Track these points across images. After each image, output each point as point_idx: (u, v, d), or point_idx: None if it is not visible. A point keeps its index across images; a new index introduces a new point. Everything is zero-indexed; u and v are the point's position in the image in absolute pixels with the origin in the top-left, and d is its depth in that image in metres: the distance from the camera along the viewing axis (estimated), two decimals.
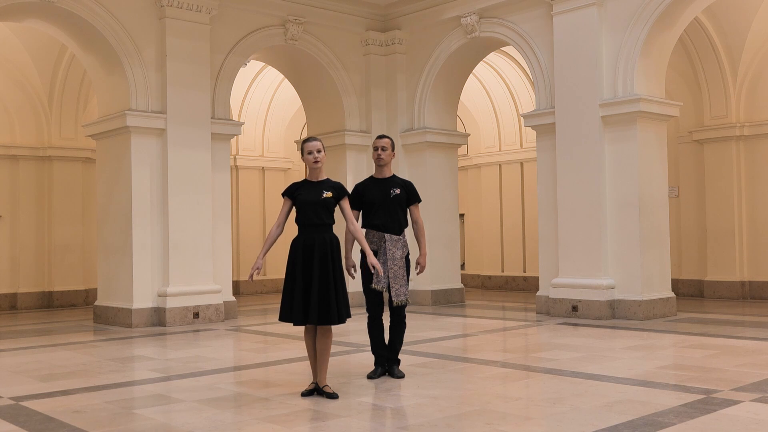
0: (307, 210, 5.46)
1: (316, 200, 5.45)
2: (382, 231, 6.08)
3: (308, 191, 5.51)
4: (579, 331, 8.88)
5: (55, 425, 4.76)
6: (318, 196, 5.46)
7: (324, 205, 5.46)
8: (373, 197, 6.11)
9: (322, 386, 5.44)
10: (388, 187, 6.13)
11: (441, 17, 12.24)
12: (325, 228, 5.48)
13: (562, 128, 10.53)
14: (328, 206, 5.49)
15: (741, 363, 6.55)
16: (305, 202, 5.46)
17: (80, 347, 8.38)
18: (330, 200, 5.48)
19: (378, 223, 6.09)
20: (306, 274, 5.36)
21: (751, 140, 12.72)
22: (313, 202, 5.45)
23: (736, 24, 12.32)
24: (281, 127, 16.74)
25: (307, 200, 5.46)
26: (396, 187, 6.14)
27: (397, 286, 6.05)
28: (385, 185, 6.15)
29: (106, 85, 10.74)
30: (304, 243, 5.42)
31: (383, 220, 6.08)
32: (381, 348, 6.19)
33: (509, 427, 4.56)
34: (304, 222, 5.48)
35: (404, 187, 6.20)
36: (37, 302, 13.28)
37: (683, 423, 4.52)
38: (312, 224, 5.45)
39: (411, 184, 6.31)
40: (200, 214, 10.63)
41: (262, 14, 11.62)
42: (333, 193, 5.50)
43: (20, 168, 13.19)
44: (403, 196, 6.16)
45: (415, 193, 6.27)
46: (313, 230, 5.44)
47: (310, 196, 5.47)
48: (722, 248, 12.84)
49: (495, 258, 16.31)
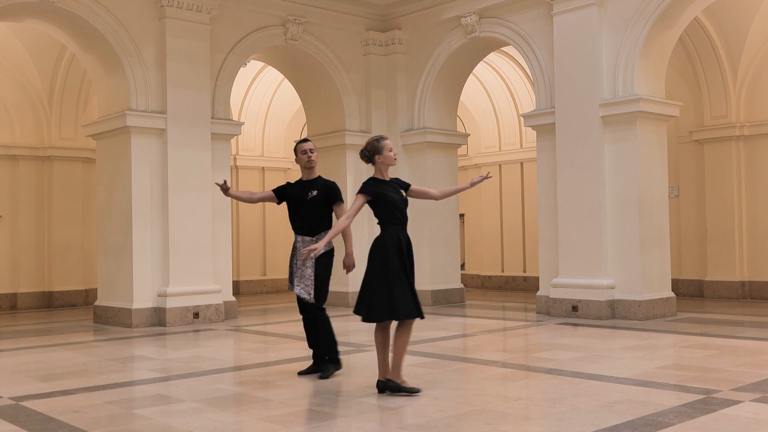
0: (393, 208, 5.48)
1: (400, 198, 5.52)
2: (297, 233, 6.29)
3: (388, 188, 5.54)
4: (579, 331, 8.88)
5: (55, 425, 4.76)
6: (400, 193, 5.54)
7: (405, 203, 5.55)
8: (294, 199, 6.31)
9: (400, 381, 5.44)
10: (308, 190, 6.29)
11: (441, 17, 12.24)
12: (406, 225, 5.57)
13: (562, 128, 10.53)
14: (405, 204, 5.57)
15: (741, 363, 6.55)
16: (391, 201, 5.48)
17: (80, 347, 8.38)
18: (404, 199, 5.57)
19: (297, 225, 6.30)
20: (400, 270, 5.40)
21: (751, 140, 12.71)
22: (396, 201, 5.48)
23: (736, 24, 12.32)
24: (281, 127, 16.74)
25: (392, 199, 5.48)
26: (314, 190, 6.27)
27: (302, 285, 6.17)
28: (305, 187, 6.32)
29: (106, 85, 10.74)
30: (397, 240, 5.43)
31: (301, 221, 6.27)
32: (314, 347, 6.39)
33: (509, 427, 4.56)
34: (391, 220, 5.49)
35: (324, 189, 6.31)
36: (37, 302, 13.28)
37: (683, 423, 4.52)
38: (399, 222, 5.51)
39: (334, 185, 6.42)
40: (200, 214, 10.63)
41: (262, 14, 11.62)
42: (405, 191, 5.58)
43: (20, 168, 13.20)
44: (320, 198, 6.26)
45: (336, 193, 6.35)
46: (399, 228, 5.49)
47: (394, 194, 5.51)
48: (722, 248, 12.83)
49: (495, 258, 16.31)
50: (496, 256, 16.28)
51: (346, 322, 10.49)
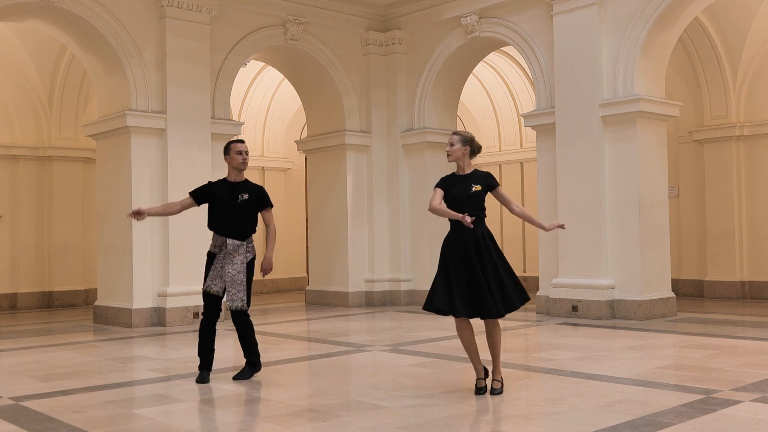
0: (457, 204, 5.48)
1: (465, 194, 5.48)
2: (225, 235, 6.19)
3: (455, 185, 5.52)
4: (579, 331, 8.88)
5: (55, 425, 4.76)
6: (468, 190, 5.48)
7: (473, 199, 5.48)
8: (222, 200, 6.24)
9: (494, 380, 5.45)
10: (237, 192, 6.23)
11: (441, 17, 12.24)
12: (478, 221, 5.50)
13: (562, 128, 10.53)
14: (477, 200, 5.50)
15: (741, 363, 6.55)
16: (455, 197, 5.48)
17: (80, 347, 8.38)
18: (480, 193, 5.50)
19: (223, 227, 6.20)
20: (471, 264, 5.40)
21: (751, 140, 12.71)
22: (461, 196, 5.47)
23: (736, 24, 12.32)
24: (281, 127, 16.74)
25: (456, 195, 5.48)
26: (245, 193, 6.23)
27: (234, 291, 6.12)
28: (235, 189, 6.26)
29: (106, 85, 10.74)
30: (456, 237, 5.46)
31: (228, 224, 6.20)
32: (208, 352, 6.24)
33: (509, 427, 4.56)
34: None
35: (254, 193, 6.29)
36: (37, 302, 13.28)
37: (683, 423, 4.52)
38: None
39: (263, 189, 6.42)
40: (200, 214, 10.55)
41: (262, 14, 11.62)
42: (482, 185, 5.51)
43: (20, 168, 13.19)
44: (251, 202, 6.24)
45: (266, 198, 6.35)
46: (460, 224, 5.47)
47: (458, 190, 5.50)
48: (722, 248, 12.83)
49: None
50: None
51: (346, 322, 10.50)
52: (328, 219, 12.92)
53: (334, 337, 8.41)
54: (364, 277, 12.78)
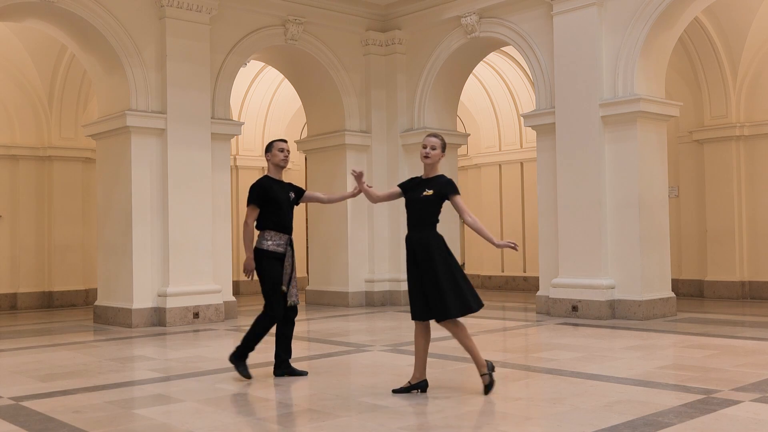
0: (410, 207, 5.53)
1: (417, 198, 5.50)
2: (288, 234, 6.21)
3: (415, 188, 5.56)
4: (579, 331, 8.88)
5: (55, 425, 4.76)
6: (419, 194, 5.50)
7: (425, 204, 5.49)
8: (278, 197, 6.21)
9: None
10: (287, 190, 6.31)
11: (441, 17, 12.24)
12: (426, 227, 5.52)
13: (562, 128, 10.52)
14: (429, 205, 5.50)
15: (741, 363, 6.55)
16: (409, 200, 5.51)
17: (80, 347, 8.38)
18: (431, 198, 5.49)
19: (286, 225, 6.22)
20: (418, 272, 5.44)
21: (751, 140, 12.71)
22: (415, 200, 5.50)
23: (736, 24, 12.32)
24: (281, 127, 16.74)
25: (410, 198, 5.51)
26: (291, 191, 6.33)
27: (295, 289, 6.21)
28: (287, 188, 6.32)
29: (106, 85, 10.74)
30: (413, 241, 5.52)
31: (290, 222, 6.26)
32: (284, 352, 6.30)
33: (509, 427, 4.56)
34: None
35: (297, 190, 6.41)
36: (37, 302, 13.28)
37: (683, 423, 4.52)
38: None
39: (297, 186, 6.54)
40: (200, 214, 10.63)
41: (262, 14, 11.61)
42: (434, 191, 5.50)
43: (20, 168, 13.19)
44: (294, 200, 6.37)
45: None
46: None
47: (414, 194, 5.51)
48: (722, 248, 12.83)
49: (495, 258, 16.31)
50: (496, 256, 16.27)
51: (346, 322, 10.50)
52: (328, 219, 12.92)
53: (334, 337, 8.41)
54: (364, 277, 12.78)
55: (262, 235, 6.19)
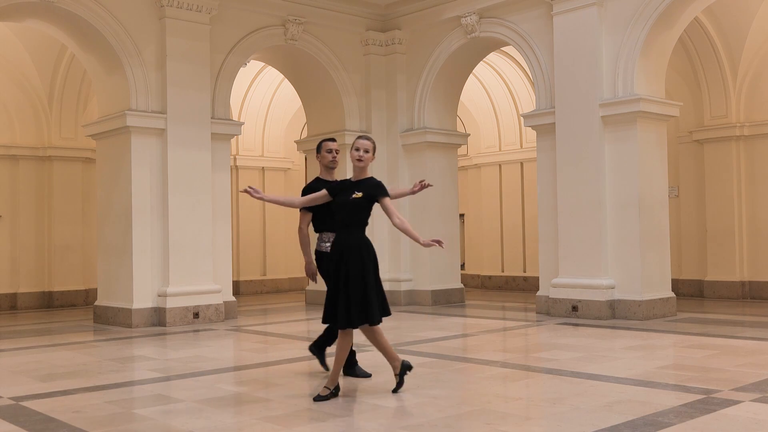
0: (340, 210, 5.48)
1: (345, 201, 5.44)
2: None
3: (344, 191, 5.52)
4: (579, 331, 8.88)
5: (55, 425, 4.76)
6: (348, 196, 5.46)
7: (354, 207, 5.45)
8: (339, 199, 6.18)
9: None
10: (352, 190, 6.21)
11: (441, 17, 12.24)
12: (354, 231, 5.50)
13: (562, 128, 10.53)
14: (357, 208, 5.46)
15: (741, 363, 6.55)
16: (338, 203, 5.46)
17: (80, 347, 8.38)
18: (361, 201, 5.44)
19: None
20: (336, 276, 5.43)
21: (751, 140, 12.71)
22: (344, 203, 5.43)
23: (736, 24, 12.32)
24: (281, 127, 16.74)
25: (340, 201, 5.45)
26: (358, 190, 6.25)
27: None
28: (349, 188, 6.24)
29: (106, 85, 10.74)
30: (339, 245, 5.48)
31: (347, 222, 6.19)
32: None
33: (509, 427, 4.56)
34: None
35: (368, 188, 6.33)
36: (37, 302, 13.27)
37: (683, 423, 4.52)
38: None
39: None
40: (200, 214, 10.63)
41: (262, 14, 11.61)
42: (364, 193, 5.46)
43: (20, 168, 13.19)
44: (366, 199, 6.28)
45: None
46: None
47: (343, 196, 5.47)
48: (722, 248, 12.83)
49: (495, 258, 16.31)
50: (496, 256, 16.27)
51: None
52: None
53: None
54: None
55: (320, 237, 6.23)
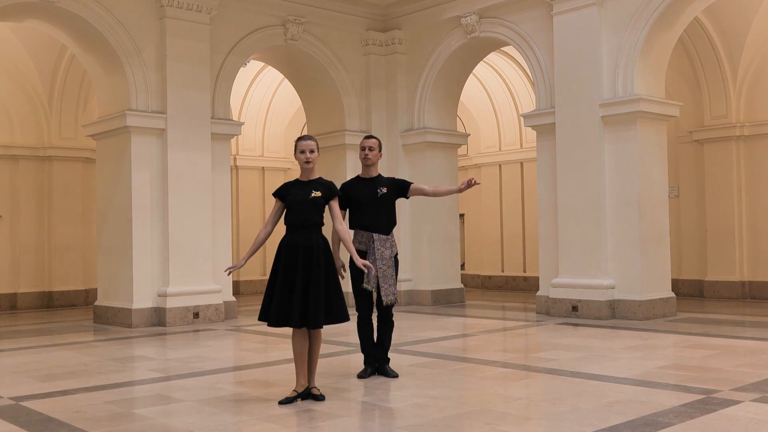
0: (295, 210, 5.37)
1: (305, 200, 5.37)
2: (370, 231, 6.12)
3: (299, 190, 5.42)
4: (579, 331, 8.88)
5: (55, 425, 4.76)
6: (307, 195, 5.39)
7: (313, 205, 5.38)
8: (359, 196, 6.14)
9: (311, 387, 5.34)
10: (375, 186, 6.16)
11: (441, 17, 12.24)
12: (313, 228, 5.38)
13: (562, 128, 10.53)
14: (317, 206, 5.40)
15: (741, 363, 6.55)
16: (294, 201, 5.39)
17: (80, 347, 8.38)
18: (319, 200, 5.40)
19: (366, 223, 6.13)
20: (289, 275, 5.26)
21: (751, 140, 12.71)
22: (302, 202, 5.37)
23: (736, 24, 12.32)
24: (281, 127, 16.74)
25: (296, 200, 5.38)
26: (383, 186, 6.17)
27: (387, 286, 6.07)
28: (371, 184, 6.18)
29: (106, 85, 10.74)
30: (288, 243, 5.34)
31: (371, 219, 6.12)
32: (370, 348, 6.21)
33: (509, 427, 4.56)
34: (292, 222, 5.39)
35: (392, 185, 6.23)
36: (37, 302, 13.28)
37: (683, 423, 4.52)
38: (300, 224, 5.36)
39: (400, 180, 6.41)
40: (200, 214, 10.63)
41: (262, 14, 11.62)
42: (322, 192, 5.42)
43: (20, 168, 13.19)
44: (391, 195, 6.19)
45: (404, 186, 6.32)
46: (300, 230, 5.35)
47: (300, 195, 5.39)
48: (722, 248, 12.83)
49: (495, 258, 16.31)
50: (496, 256, 16.28)
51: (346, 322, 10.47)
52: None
53: (334, 337, 8.40)
54: None
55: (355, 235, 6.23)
